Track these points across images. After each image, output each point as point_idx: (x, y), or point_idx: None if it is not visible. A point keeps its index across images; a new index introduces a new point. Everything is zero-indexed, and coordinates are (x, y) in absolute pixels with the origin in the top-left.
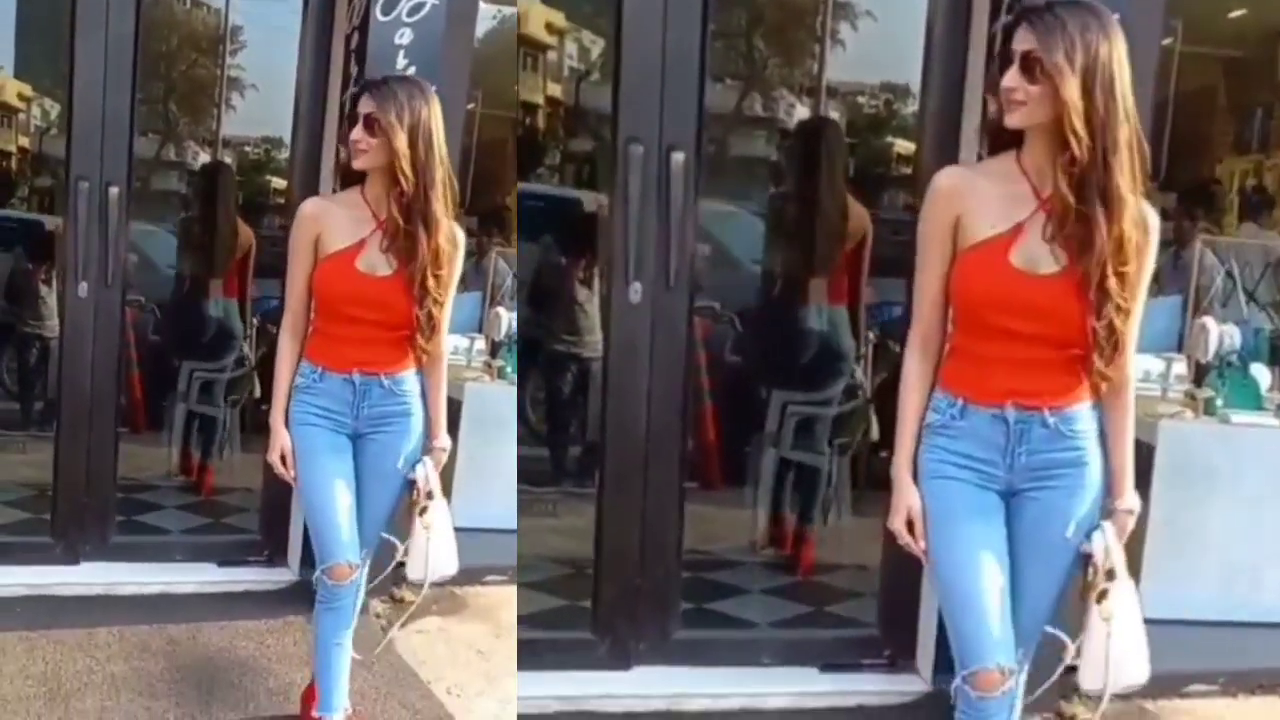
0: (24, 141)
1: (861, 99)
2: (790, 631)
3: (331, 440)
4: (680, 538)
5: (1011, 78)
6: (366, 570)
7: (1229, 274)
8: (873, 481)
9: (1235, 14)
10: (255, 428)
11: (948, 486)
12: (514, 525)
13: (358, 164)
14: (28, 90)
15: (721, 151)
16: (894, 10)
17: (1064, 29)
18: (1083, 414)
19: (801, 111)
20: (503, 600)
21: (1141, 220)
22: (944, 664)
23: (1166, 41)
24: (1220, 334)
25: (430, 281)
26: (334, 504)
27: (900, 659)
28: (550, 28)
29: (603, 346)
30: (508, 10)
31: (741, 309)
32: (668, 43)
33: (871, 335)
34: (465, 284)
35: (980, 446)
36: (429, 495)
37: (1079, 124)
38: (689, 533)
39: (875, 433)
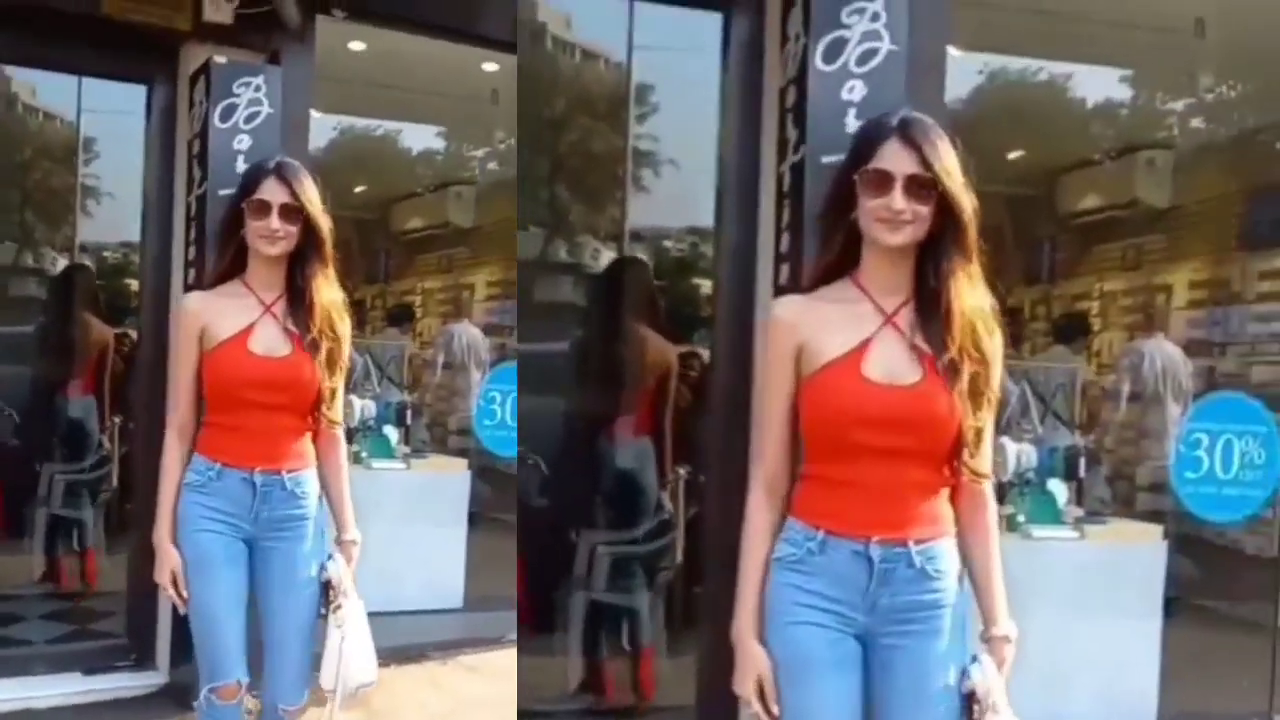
0: None
1: (668, 243)
2: None
3: (226, 548)
4: None
5: (898, 200)
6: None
7: (1037, 394)
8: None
9: (1014, 155)
10: (119, 528)
11: (802, 632)
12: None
13: (273, 251)
14: None
15: (527, 296)
16: (695, 156)
17: (933, 146)
18: (947, 551)
19: (607, 256)
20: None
21: (988, 312)
22: None
23: None
24: (1017, 453)
25: (334, 350)
26: (227, 620)
27: None
28: None
29: None
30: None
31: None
32: None
33: (682, 470)
34: None
35: (837, 586)
36: (344, 594)
37: (973, 228)
38: None
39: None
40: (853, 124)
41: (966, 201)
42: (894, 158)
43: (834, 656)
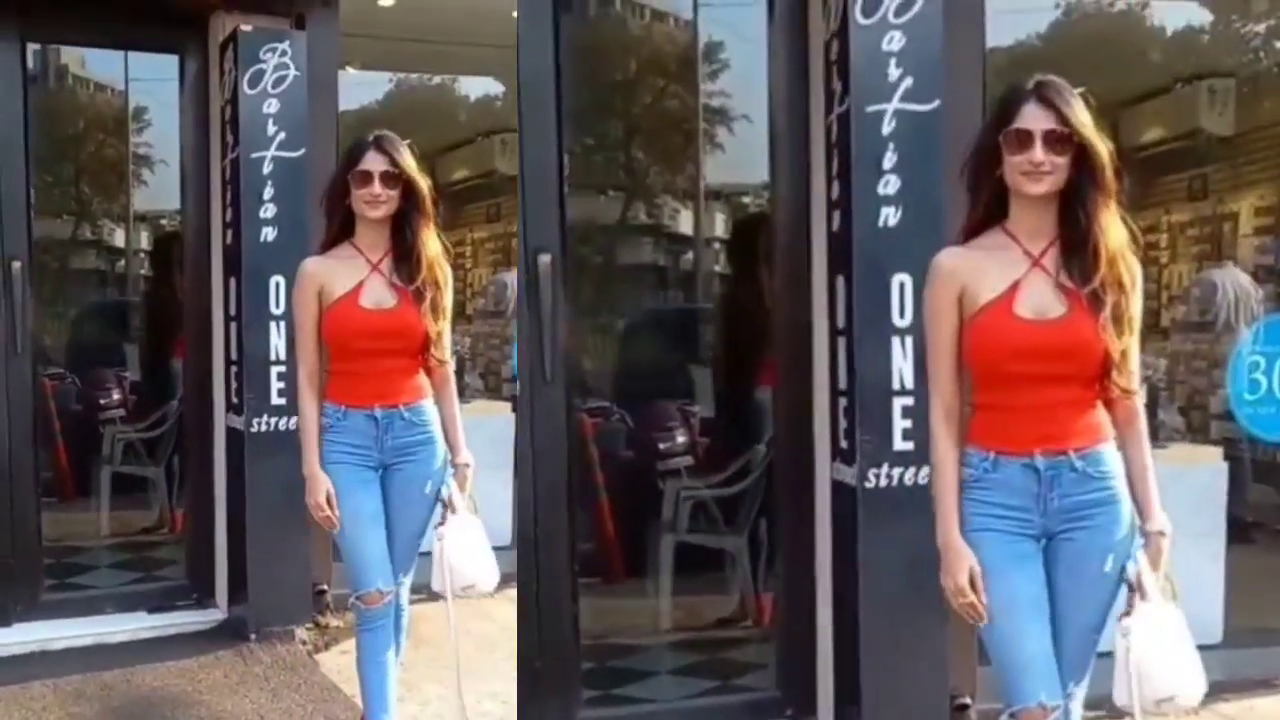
0: None
1: (746, 198)
2: None
3: (360, 476)
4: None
5: (1039, 154)
6: (407, 589)
7: None
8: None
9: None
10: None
11: (986, 538)
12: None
13: (378, 215)
14: None
15: (609, 260)
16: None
17: (1067, 103)
18: (1107, 454)
19: (686, 216)
20: (419, 616)
21: (1127, 244)
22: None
23: None
24: None
25: (437, 297)
26: (365, 538)
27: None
28: None
29: None
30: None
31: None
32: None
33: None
34: None
35: (1015, 496)
36: (452, 510)
37: (1109, 171)
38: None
39: None
40: (894, 74)
41: (1102, 148)
42: (1032, 117)
43: (1016, 553)
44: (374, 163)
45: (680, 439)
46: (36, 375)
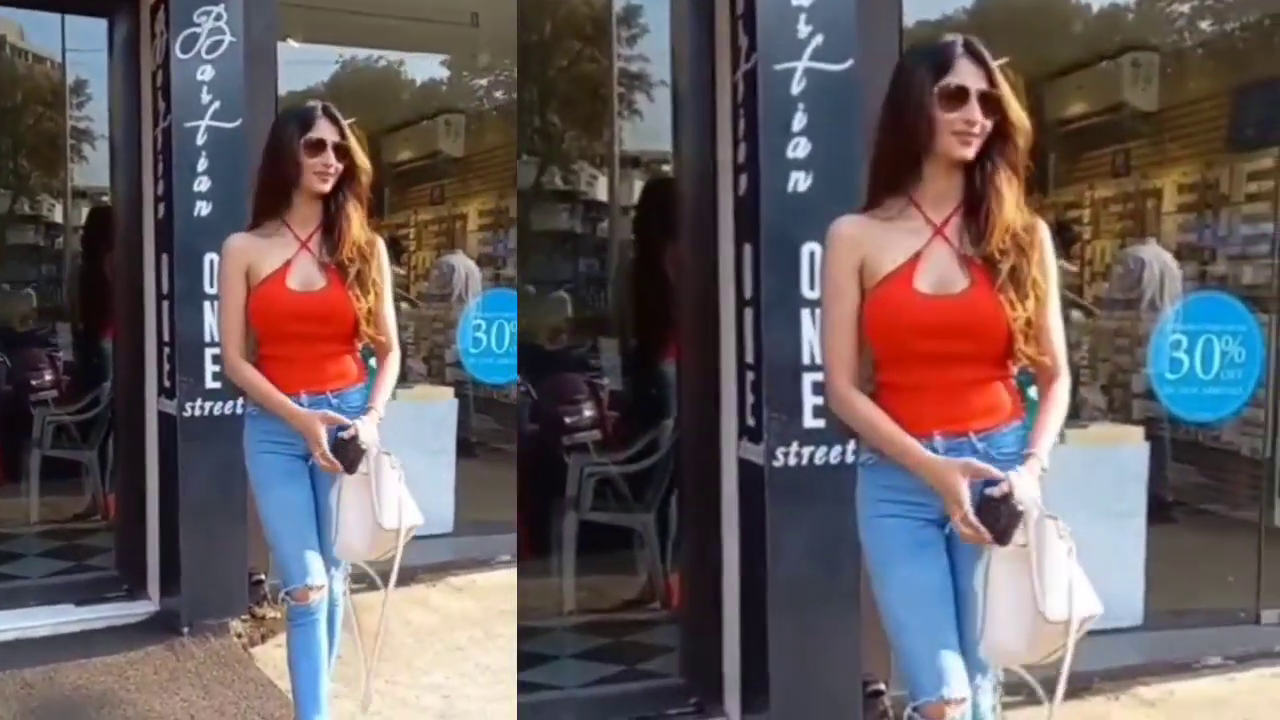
0: None
1: (666, 167)
2: None
3: (287, 466)
4: None
5: (975, 112)
6: (340, 582)
7: None
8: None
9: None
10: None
11: (884, 525)
12: None
13: (326, 188)
14: None
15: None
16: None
17: (993, 65)
18: (1011, 436)
19: (603, 182)
20: (361, 605)
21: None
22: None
23: None
24: None
25: (367, 275)
26: (294, 531)
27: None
28: None
29: None
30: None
31: None
32: None
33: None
34: None
35: (913, 480)
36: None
37: (1023, 146)
38: None
39: None
40: (804, 30)
41: (1023, 120)
42: (969, 74)
43: (915, 541)
44: (327, 131)
45: (588, 413)
46: None
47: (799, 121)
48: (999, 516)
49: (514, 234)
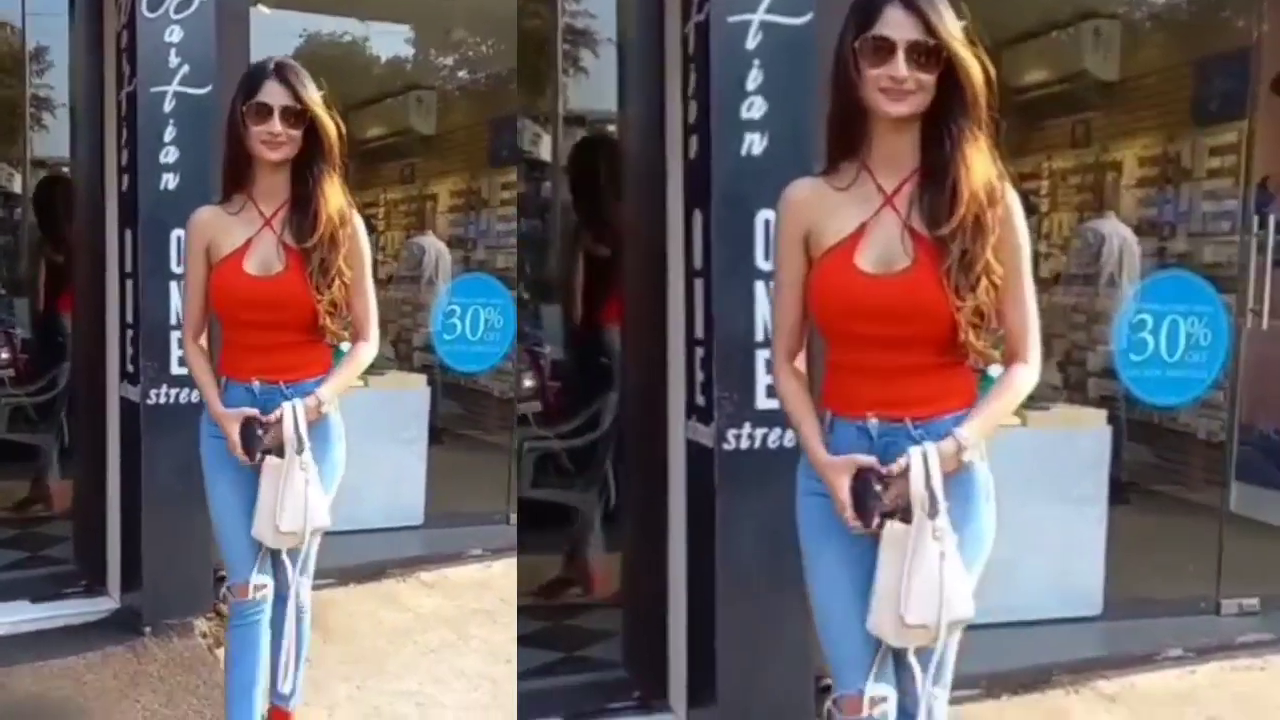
0: None
1: (612, 127)
2: None
3: (235, 458)
4: None
5: (901, 68)
6: (306, 587)
7: None
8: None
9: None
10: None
11: (816, 504)
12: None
13: (275, 157)
14: None
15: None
16: None
17: (936, 11)
18: (950, 425)
19: (546, 141)
20: (327, 602)
21: (995, 179)
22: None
23: None
24: None
25: (331, 264)
26: (235, 524)
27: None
28: None
29: None
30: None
31: None
32: None
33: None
34: None
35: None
36: (291, 443)
37: (983, 96)
38: None
39: None
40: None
41: (975, 68)
42: (895, 24)
43: (843, 527)
44: (273, 95)
45: (528, 383)
46: None
47: (754, 79)
48: (865, 496)
49: (485, 216)
